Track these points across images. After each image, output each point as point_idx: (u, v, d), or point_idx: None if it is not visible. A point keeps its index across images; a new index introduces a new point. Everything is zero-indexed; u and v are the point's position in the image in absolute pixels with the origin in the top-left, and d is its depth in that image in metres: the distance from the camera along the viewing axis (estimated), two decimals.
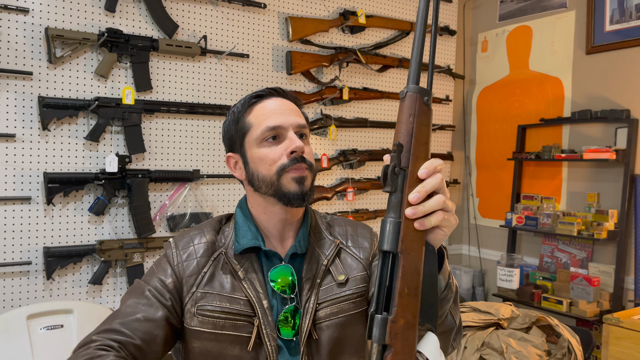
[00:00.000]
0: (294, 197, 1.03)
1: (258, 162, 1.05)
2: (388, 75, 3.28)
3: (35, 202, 2.25)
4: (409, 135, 0.71)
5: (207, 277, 1.04)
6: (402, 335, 0.66)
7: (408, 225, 0.69)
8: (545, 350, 1.94)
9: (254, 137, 1.05)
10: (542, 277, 3.03)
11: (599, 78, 2.94)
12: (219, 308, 1.02)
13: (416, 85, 0.72)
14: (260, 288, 1.04)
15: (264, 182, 1.04)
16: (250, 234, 1.07)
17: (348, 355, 1.07)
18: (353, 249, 1.13)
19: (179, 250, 1.07)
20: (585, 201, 2.95)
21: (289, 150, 1.03)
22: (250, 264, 1.06)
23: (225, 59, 2.70)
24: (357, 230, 1.17)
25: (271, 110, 1.06)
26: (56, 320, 2.08)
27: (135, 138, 2.42)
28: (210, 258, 1.06)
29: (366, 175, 3.21)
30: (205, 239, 1.09)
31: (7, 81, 2.18)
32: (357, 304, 1.08)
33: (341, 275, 1.08)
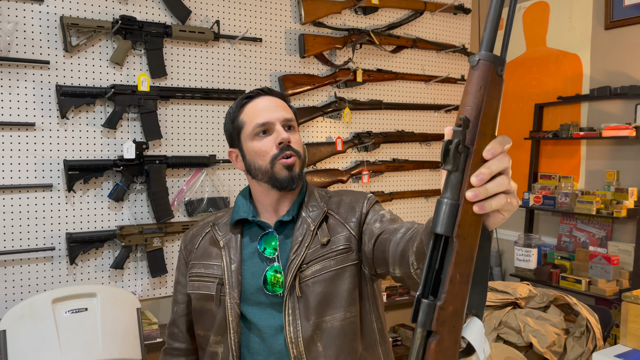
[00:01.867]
0: (285, 181, 1.20)
1: (253, 155, 1.22)
2: (402, 56, 3.25)
3: (57, 190, 2.30)
4: (478, 110, 0.63)
5: (198, 251, 1.29)
6: (449, 323, 0.63)
7: (467, 208, 0.62)
8: (563, 328, 1.94)
9: (247, 133, 1.22)
10: (560, 256, 3.01)
11: (618, 53, 2.88)
12: (196, 272, 1.26)
13: (490, 52, 0.63)
14: (234, 255, 1.22)
15: (260, 171, 1.21)
16: (245, 208, 1.26)
17: (335, 309, 1.17)
18: (341, 214, 1.24)
19: (187, 236, 1.35)
20: (604, 179, 2.91)
21: (277, 141, 1.19)
22: (232, 234, 1.25)
23: (238, 44, 2.70)
24: (351, 197, 1.28)
25: (260, 108, 1.22)
26: (80, 303, 2.14)
27: (152, 124, 2.45)
28: (202, 234, 1.30)
29: (381, 157, 3.21)
30: (202, 223, 1.33)
31: (25, 70, 2.22)
32: (340, 260, 1.19)
33: (325, 237, 1.21)
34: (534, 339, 1.87)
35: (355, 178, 3.11)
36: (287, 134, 1.19)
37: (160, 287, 2.55)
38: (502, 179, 0.64)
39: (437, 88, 3.40)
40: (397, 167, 3.21)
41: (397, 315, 3.28)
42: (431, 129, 3.39)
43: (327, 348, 1.14)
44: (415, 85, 3.31)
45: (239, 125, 1.24)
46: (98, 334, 2.09)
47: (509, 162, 0.65)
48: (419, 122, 3.35)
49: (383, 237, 1.14)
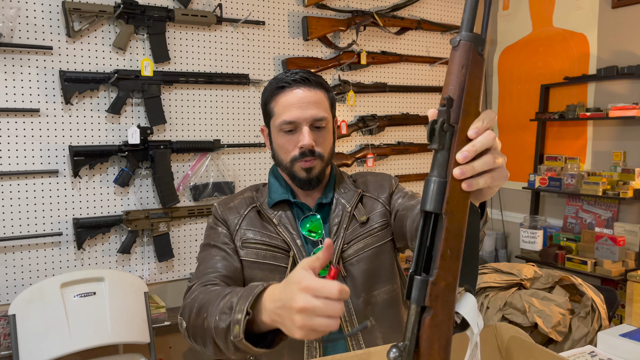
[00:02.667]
0: (303, 182, 1.19)
1: (278, 147, 1.21)
2: (406, 37, 3.22)
3: (63, 175, 2.31)
4: (460, 89, 0.64)
5: (247, 219, 1.21)
6: (442, 298, 0.64)
7: (454, 185, 0.64)
8: (568, 309, 1.94)
9: (276, 125, 1.19)
10: (566, 238, 3.01)
11: (625, 33, 2.84)
12: (260, 240, 1.19)
13: (470, 32, 0.65)
14: (293, 231, 1.19)
15: (282, 164, 1.22)
16: (282, 189, 1.23)
17: (382, 283, 1.21)
18: (372, 192, 1.28)
19: (221, 206, 1.26)
20: (610, 160, 2.89)
21: (299, 145, 1.16)
22: (283, 212, 1.22)
23: (241, 27, 2.69)
24: (377, 177, 1.33)
25: (291, 103, 1.16)
26: (89, 288, 2.16)
27: (156, 109, 2.44)
28: (249, 206, 1.23)
29: (386, 140, 3.20)
30: (242, 196, 1.27)
31: (29, 56, 2.21)
32: (380, 236, 1.23)
33: (363, 216, 1.22)
34: (539, 319, 1.88)
35: (360, 161, 3.11)
36: (309, 140, 1.15)
37: (167, 271, 2.57)
38: (487, 157, 0.65)
39: (442, 70, 3.37)
40: (402, 150, 3.20)
41: None
42: None
43: (379, 321, 1.18)
44: (420, 67, 3.29)
45: (269, 112, 1.21)
46: (107, 318, 2.12)
47: (494, 139, 0.66)
48: (423, 105, 3.33)
49: (401, 213, 1.20)
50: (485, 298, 2.01)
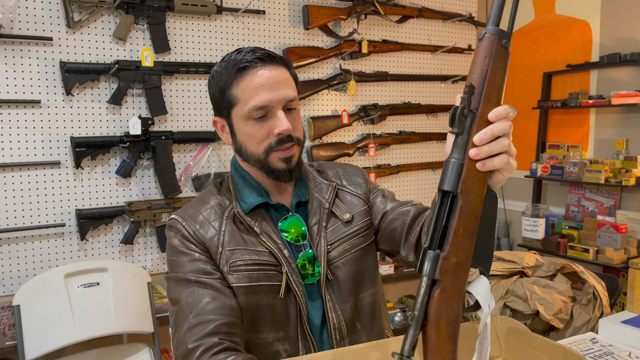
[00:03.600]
0: (281, 174, 1.05)
1: (246, 138, 1.04)
2: (408, 26, 3.20)
3: (65, 166, 2.31)
4: (483, 78, 0.69)
5: (227, 235, 1.04)
6: (452, 273, 0.67)
7: (471, 166, 0.68)
8: (570, 296, 1.95)
9: (242, 113, 1.02)
10: (568, 226, 3.01)
11: (629, 19, 2.82)
12: (250, 261, 1.02)
13: (495, 26, 0.70)
14: (277, 239, 1.06)
15: (252, 157, 1.05)
16: (255, 191, 1.08)
17: (367, 286, 1.13)
18: (349, 187, 1.18)
19: (188, 222, 1.05)
20: (613, 148, 2.88)
21: (276, 131, 1.02)
22: (262, 218, 1.07)
23: (242, 17, 2.67)
24: (347, 169, 1.22)
25: (259, 85, 1.00)
26: (92, 278, 2.17)
27: (157, 100, 2.44)
28: (223, 218, 1.06)
29: (387, 130, 3.19)
30: (209, 204, 1.08)
31: (29, 47, 2.21)
32: (365, 237, 1.14)
33: (346, 214, 1.13)
34: (540, 306, 1.88)
35: (362, 151, 3.10)
36: (288, 124, 1.01)
37: None
38: (504, 139, 0.68)
39: (443, 58, 3.35)
40: (403, 139, 3.20)
41: (404, 287, 3.31)
42: (438, 100, 3.36)
43: (364, 325, 1.11)
44: (422, 55, 3.27)
45: (230, 100, 1.03)
46: (111, 308, 2.13)
47: (510, 128, 0.69)
48: (425, 94, 3.31)
49: (393, 217, 1.12)
50: None
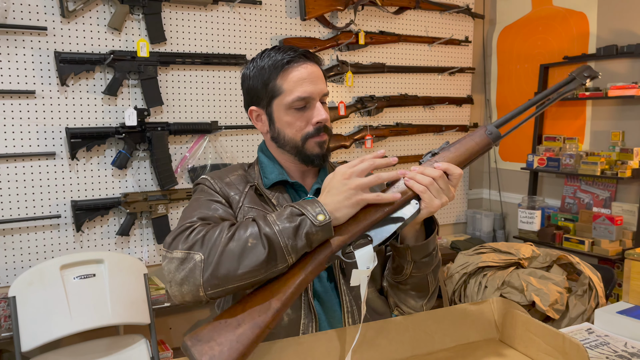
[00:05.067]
0: (316, 158, 1.14)
1: (285, 126, 1.13)
2: (405, 17, 3.18)
3: (60, 158, 2.30)
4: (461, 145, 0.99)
5: (248, 198, 1.13)
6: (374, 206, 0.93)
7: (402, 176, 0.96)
8: (565, 287, 1.96)
9: (284, 103, 1.11)
10: (563, 218, 3.02)
11: (625, 11, 2.82)
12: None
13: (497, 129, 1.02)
14: None
15: (289, 144, 1.14)
16: (277, 170, 1.17)
17: (372, 282, 1.17)
18: None
19: (216, 180, 1.15)
20: (609, 140, 2.89)
21: (315, 120, 1.12)
22: (280, 194, 1.15)
23: (238, 7, 2.65)
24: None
25: (302, 78, 1.11)
26: (88, 269, 2.16)
27: (153, 91, 2.43)
28: (246, 185, 1.15)
29: (384, 122, 3.19)
30: (236, 173, 1.19)
31: (23, 37, 2.19)
32: None
33: None
34: (536, 297, 1.89)
35: (359, 143, 3.10)
36: (326, 114, 1.12)
37: None
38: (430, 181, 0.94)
39: (440, 50, 3.34)
40: (400, 131, 3.19)
41: None
42: (435, 92, 3.35)
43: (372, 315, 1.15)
44: (419, 47, 3.26)
45: (274, 91, 1.12)
46: (107, 299, 2.13)
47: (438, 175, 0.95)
48: (422, 85, 3.31)
49: None
50: (483, 277, 2.03)
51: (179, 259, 0.91)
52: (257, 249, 0.88)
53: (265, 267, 0.88)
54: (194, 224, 0.97)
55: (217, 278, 0.88)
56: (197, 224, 0.97)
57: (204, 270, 0.88)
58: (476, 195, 3.70)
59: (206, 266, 0.88)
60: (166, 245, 0.96)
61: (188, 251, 0.91)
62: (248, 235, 0.90)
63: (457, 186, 0.98)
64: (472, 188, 3.67)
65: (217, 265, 0.88)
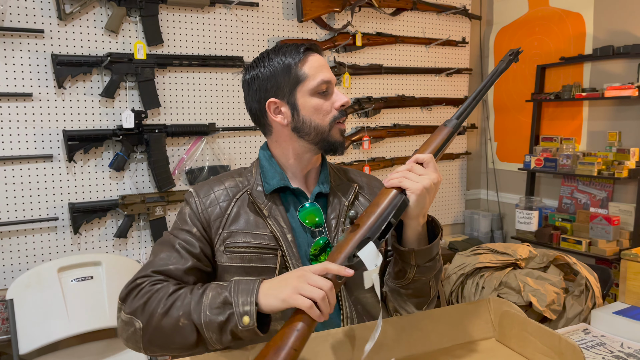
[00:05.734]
0: (338, 145, 1.15)
1: (312, 112, 1.12)
2: (402, 18, 3.19)
3: (57, 160, 2.30)
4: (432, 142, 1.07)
5: (231, 218, 1.12)
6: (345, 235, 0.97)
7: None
8: (562, 287, 1.96)
9: (310, 87, 1.11)
10: (561, 218, 3.03)
11: (622, 12, 2.83)
12: (245, 244, 1.10)
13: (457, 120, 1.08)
14: (284, 224, 1.12)
15: (316, 130, 1.13)
16: (278, 175, 1.15)
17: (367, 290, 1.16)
18: (368, 195, 1.24)
19: (201, 198, 1.14)
20: (606, 140, 2.90)
21: (338, 104, 1.13)
22: (273, 203, 1.14)
23: (235, 9, 2.66)
24: (370, 181, 1.29)
25: (321, 65, 1.13)
26: (86, 272, 2.17)
27: (150, 93, 2.43)
28: (233, 200, 1.14)
29: (382, 123, 3.19)
30: (223, 185, 1.16)
31: (20, 40, 2.19)
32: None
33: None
34: (533, 298, 1.90)
35: (356, 144, 3.10)
36: (347, 97, 1.15)
37: None
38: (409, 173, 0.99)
39: (438, 51, 3.35)
40: (398, 132, 3.20)
41: None
42: (432, 93, 3.36)
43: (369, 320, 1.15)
44: (416, 48, 3.27)
45: (298, 77, 1.11)
46: (104, 301, 2.13)
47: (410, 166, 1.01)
48: (419, 87, 3.31)
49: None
50: (480, 278, 2.03)
51: (123, 321, 1.00)
52: (186, 330, 0.94)
53: (197, 348, 0.94)
54: (144, 281, 1.02)
55: (154, 346, 0.98)
56: (146, 282, 1.01)
57: (143, 337, 0.97)
58: (474, 195, 3.71)
59: (144, 334, 0.97)
60: (121, 298, 1.02)
61: (130, 316, 0.99)
62: (180, 315, 0.95)
63: (436, 169, 1.01)
64: (470, 188, 3.68)
65: (153, 337, 0.97)
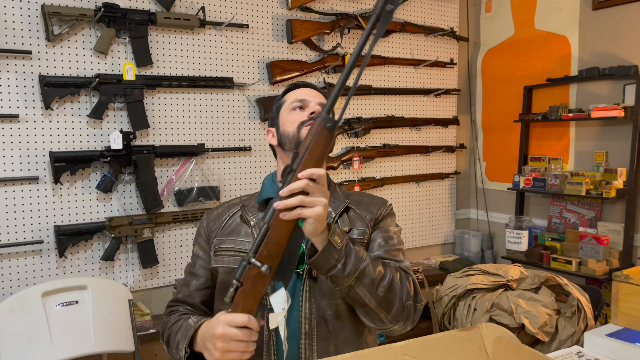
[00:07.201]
0: None
1: (286, 123, 1.31)
2: (391, 40, 3.22)
3: (43, 182, 2.26)
4: (305, 148, 0.96)
5: (224, 227, 1.34)
6: (252, 280, 0.98)
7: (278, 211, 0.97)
8: (554, 309, 1.95)
9: (286, 106, 1.33)
10: (550, 238, 3.03)
11: (606, 34, 2.88)
12: (227, 248, 1.30)
13: (326, 114, 0.96)
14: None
15: (288, 138, 1.29)
16: (272, 189, 1.32)
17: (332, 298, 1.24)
18: (360, 210, 1.33)
19: (208, 215, 1.40)
20: (593, 160, 2.92)
21: (309, 112, 1.29)
22: (261, 214, 1.31)
23: (225, 30, 2.67)
24: (372, 200, 1.37)
25: (300, 92, 1.35)
26: (71, 296, 2.12)
27: (139, 114, 2.41)
28: (230, 213, 1.36)
29: (372, 143, 3.20)
30: (228, 204, 1.40)
31: (7, 61, 2.17)
32: None
33: (346, 226, 1.28)
34: (525, 320, 1.88)
35: (346, 164, 3.10)
36: (318, 107, 1.29)
37: (152, 277, 2.53)
38: (299, 197, 0.96)
39: (426, 72, 3.38)
40: (387, 152, 3.20)
41: None
42: (421, 113, 3.38)
43: (335, 329, 1.22)
44: (405, 69, 3.29)
45: (280, 104, 1.36)
46: (90, 327, 2.08)
47: (307, 185, 0.96)
48: (408, 107, 3.33)
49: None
50: (472, 300, 2.02)
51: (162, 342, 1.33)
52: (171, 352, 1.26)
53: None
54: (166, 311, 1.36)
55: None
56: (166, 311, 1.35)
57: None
58: (463, 215, 3.71)
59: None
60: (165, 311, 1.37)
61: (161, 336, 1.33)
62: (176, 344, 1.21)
63: (325, 181, 1.01)
64: (460, 208, 3.69)
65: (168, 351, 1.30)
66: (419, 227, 3.47)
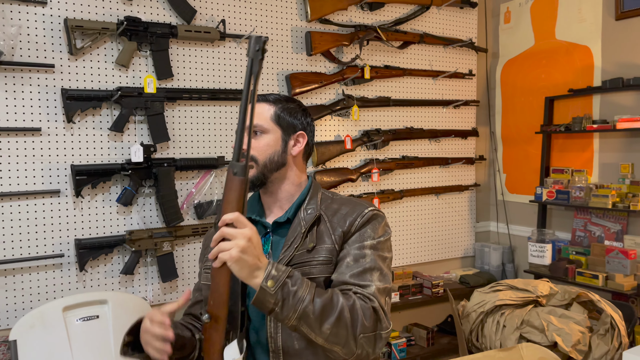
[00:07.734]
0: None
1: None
2: (409, 51, 3.20)
3: (64, 195, 2.25)
4: (222, 198, 1.05)
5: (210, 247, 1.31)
6: (207, 332, 1.05)
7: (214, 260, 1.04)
8: (587, 326, 1.90)
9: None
10: (575, 251, 2.97)
11: (630, 44, 2.83)
12: (206, 267, 1.37)
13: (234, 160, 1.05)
14: None
15: None
16: (253, 208, 1.34)
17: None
18: (332, 223, 1.26)
19: (207, 234, 1.48)
20: (618, 172, 2.86)
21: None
22: None
23: (245, 43, 2.66)
24: (352, 207, 1.28)
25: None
26: (91, 311, 2.10)
27: (159, 127, 2.40)
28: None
29: (391, 155, 3.16)
30: None
31: (30, 75, 2.17)
32: (319, 270, 1.22)
33: (311, 243, 1.23)
34: (558, 337, 1.83)
35: (365, 176, 3.07)
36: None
37: (172, 291, 2.50)
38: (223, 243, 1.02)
39: (445, 83, 3.35)
40: (406, 164, 3.17)
41: (410, 315, 3.23)
42: (440, 125, 3.35)
43: (304, 348, 1.19)
44: (423, 81, 3.27)
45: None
46: (110, 342, 2.05)
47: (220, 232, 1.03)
48: (427, 119, 3.30)
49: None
50: (501, 316, 1.96)
51: None
52: None
53: None
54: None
55: None
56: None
57: None
58: (483, 228, 3.66)
59: None
60: None
61: None
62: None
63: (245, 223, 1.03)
64: (480, 220, 3.63)
65: None
66: (439, 240, 3.41)
